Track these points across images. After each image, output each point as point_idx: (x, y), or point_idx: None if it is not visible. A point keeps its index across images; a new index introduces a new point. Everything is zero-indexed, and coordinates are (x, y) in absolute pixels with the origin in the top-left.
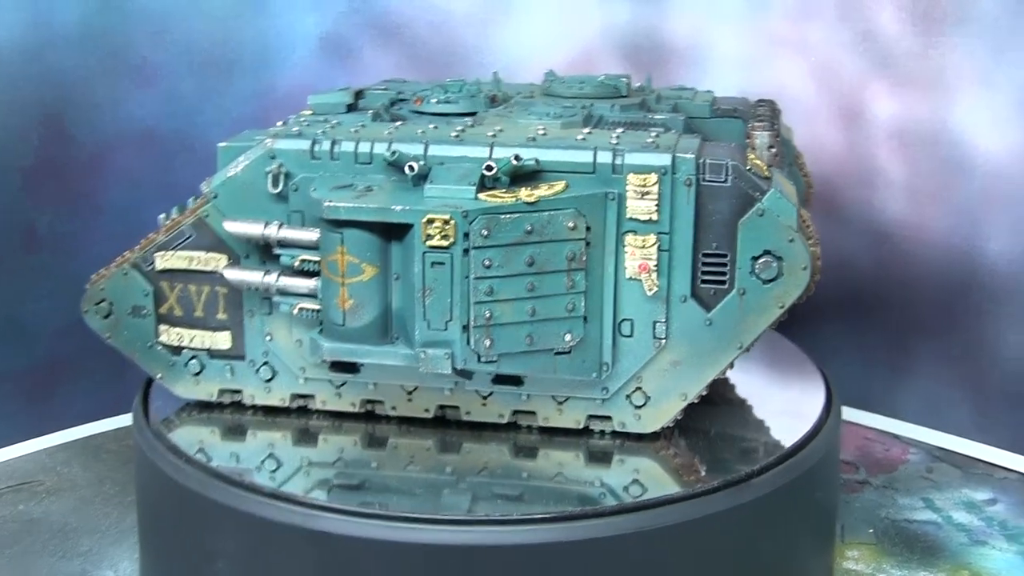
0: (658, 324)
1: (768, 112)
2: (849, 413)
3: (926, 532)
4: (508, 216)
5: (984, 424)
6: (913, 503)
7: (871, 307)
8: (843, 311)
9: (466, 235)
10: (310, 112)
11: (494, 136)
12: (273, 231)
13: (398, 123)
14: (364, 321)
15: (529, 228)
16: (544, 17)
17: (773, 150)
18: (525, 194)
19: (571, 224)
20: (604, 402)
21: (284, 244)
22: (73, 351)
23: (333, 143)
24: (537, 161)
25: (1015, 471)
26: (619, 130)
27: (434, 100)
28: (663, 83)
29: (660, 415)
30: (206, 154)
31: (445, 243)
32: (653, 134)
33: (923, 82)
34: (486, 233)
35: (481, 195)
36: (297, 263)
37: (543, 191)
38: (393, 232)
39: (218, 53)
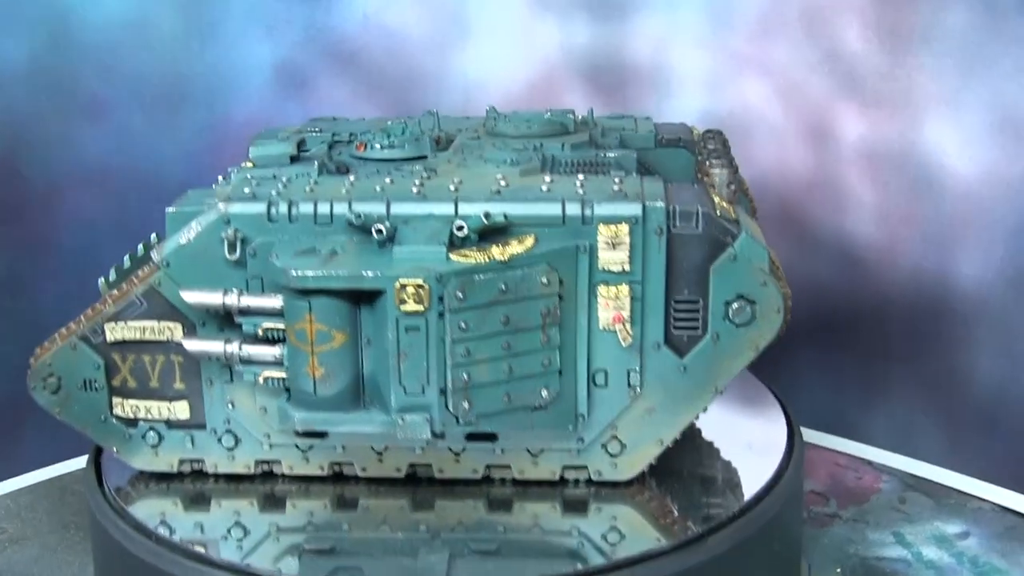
0: (632, 373)
1: (720, 145)
2: (820, 438)
3: (895, 571)
4: (482, 276)
5: (957, 451)
6: (883, 538)
7: (842, 331)
8: (814, 335)
9: (440, 298)
10: (251, 164)
11: (456, 190)
12: (234, 300)
13: (351, 177)
14: (336, 389)
15: (504, 287)
16: (503, 40)
17: (732, 187)
18: (498, 252)
19: (545, 280)
20: (580, 452)
21: (246, 312)
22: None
23: (290, 205)
24: (506, 216)
25: (988, 501)
26: (580, 176)
27: (378, 146)
28: (625, 105)
29: (636, 462)
30: (161, 190)
31: (420, 308)
32: (616, 180)
33: (891, 102)
34: (461, 296)
35: (452, 255)
36: (260, 331)
37: (514, 248)
38: (363, 296)
39: (169, 86)
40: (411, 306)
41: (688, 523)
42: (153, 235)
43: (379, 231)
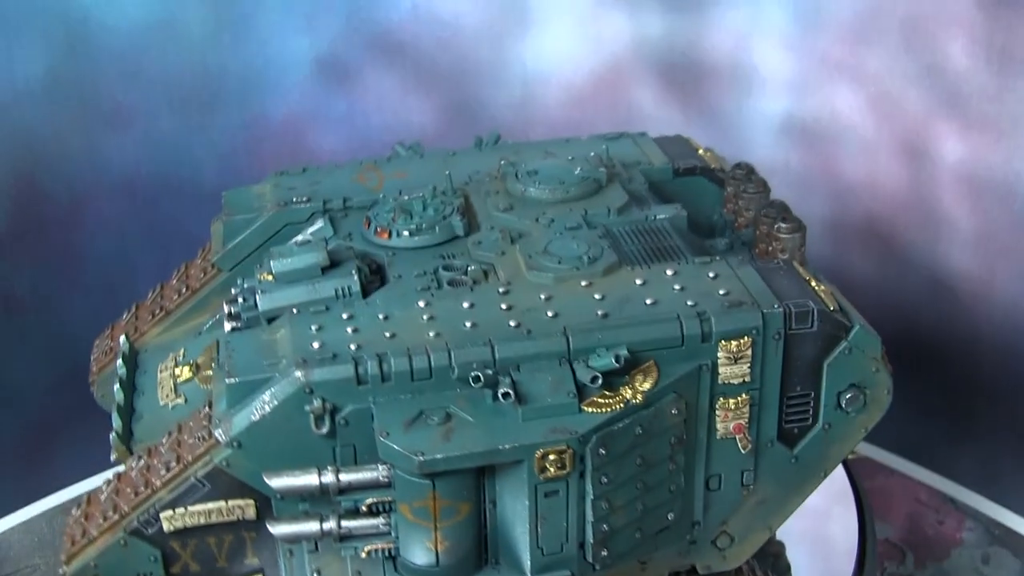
0: (746, 472)
1: (762, 187)
2: (901, 464)
3: None
4: (620, 425)
5: None
6: None
7: (929, 359)
8: (898, 358)
9: (581, 458)
10: (270, 277)
11: (555, 316)
12: (331, 478)
13: (423, 304)
14: (459, 557)
15: (640, 430)
16: (566, 29)
17: (803, 249)
18: (629, 393)
19: (674, 411)
20: (689, 553)
21: (346, 490)
22: (64, 410)
23: (381, 363)
24: (630, 350)
25: None
26: (669, 271)
27: (405, 232)
28: (700, 104)
29: (745, 551)
30: (194, 194)
31: (562, 472)
32: (711, 274)
33: (997, 126)
34: (603, 452)
35: (584, 406)
36: (364, 507)
37: (643, 383)
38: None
39: (199, 86)
40: (553, 472)
41: None
42: (122, 338)
43: (506, 395)
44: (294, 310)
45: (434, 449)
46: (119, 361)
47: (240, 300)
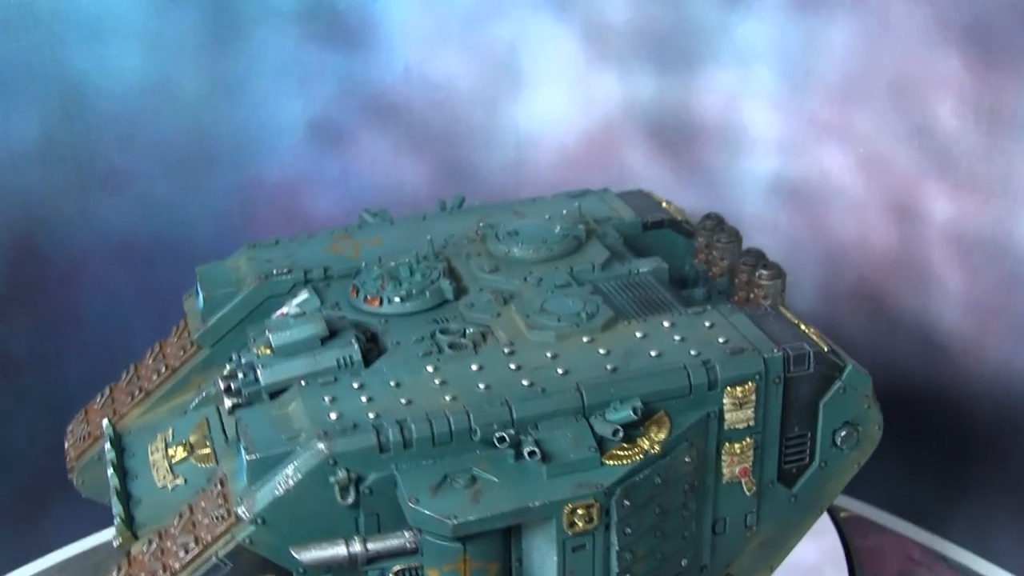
0: (749, 515)
1: (735, 237)
2: (894, 523)
3: None
4: (641, 476)
5: None
6: None
7: (921, 418)
8: (891, 417)
9: (607, 511)
10: (268, 351)
11: (566, 373)
12: (359, 548)
13: (431, 369)
14: None
15: (658, 480)
16: (558, 91)
17: (784, 294)
18: (647, 444)
19: (687, 458)
20: None
21: (374, 559)
22: (60, 472)
23: (402, 429)
24: (644, 401)
25: None
26: (666, 323)
27: (396, 299)
28: (691, 163)
29: None
30: (190, 255)
31: (590, 526)
32: (707, 323)
33: (986, 186)
34: (627, 503)
35: (605, 459)
36: (393, 575)
37: (657, 434)
38: None
39: (194, 150)
40: (581, 527)
41: None
42: (105, 422)
43: (532, 453)
44: (302, 382)
45: (465, 512)
46: (107, 445)
47: (239, 375)
